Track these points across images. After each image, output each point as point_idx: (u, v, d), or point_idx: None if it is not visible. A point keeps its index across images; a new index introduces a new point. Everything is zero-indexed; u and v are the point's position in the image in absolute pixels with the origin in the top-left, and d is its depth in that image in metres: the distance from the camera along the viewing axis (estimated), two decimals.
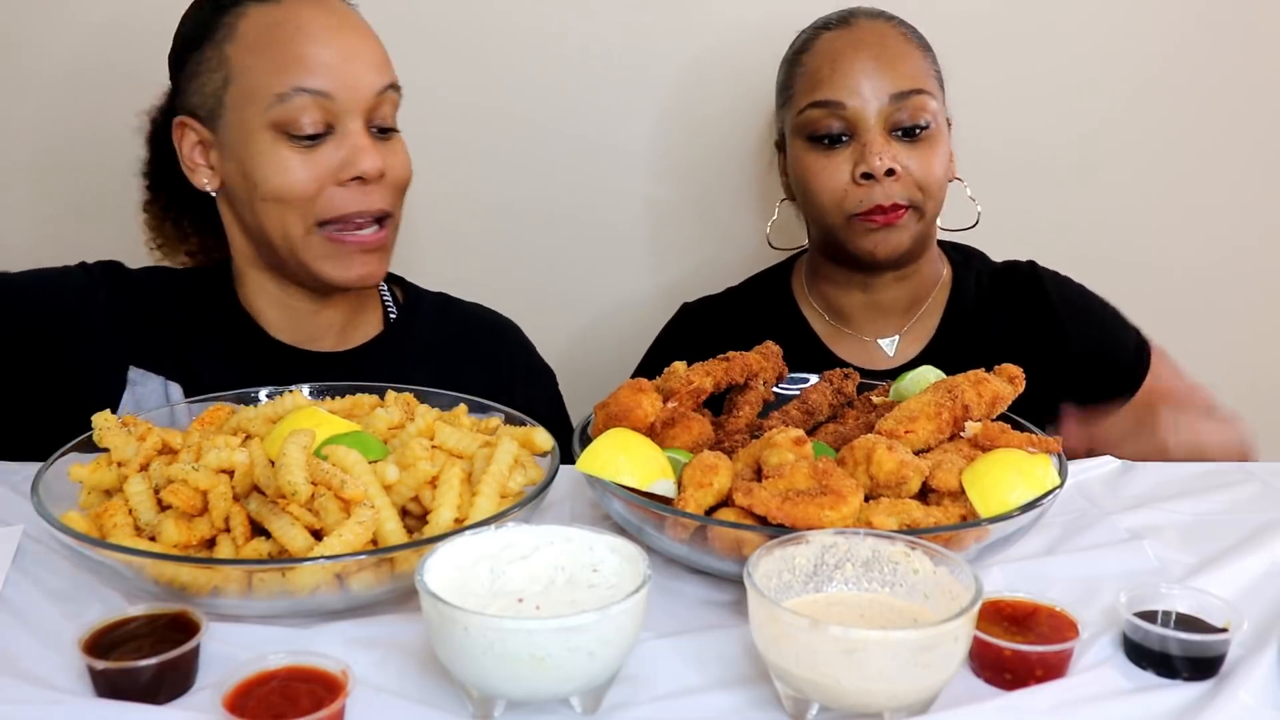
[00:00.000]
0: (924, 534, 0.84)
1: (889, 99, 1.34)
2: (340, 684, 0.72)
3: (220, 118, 1.23)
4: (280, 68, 1.19)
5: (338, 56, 1.21)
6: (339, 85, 1.20)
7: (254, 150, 1.21)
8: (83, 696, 0.76)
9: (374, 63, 1.25)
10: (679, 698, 0.78)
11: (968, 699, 0.77)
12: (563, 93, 1.76)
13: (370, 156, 1.21)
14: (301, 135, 1.20)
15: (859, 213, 1.35)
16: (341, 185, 1.22)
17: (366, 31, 1.27)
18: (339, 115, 1.21)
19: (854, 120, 1.35)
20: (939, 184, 1.37)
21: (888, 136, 1.34)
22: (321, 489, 0.88)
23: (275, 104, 1.19)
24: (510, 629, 0.70)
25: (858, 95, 1.34)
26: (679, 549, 0.92)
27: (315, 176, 1.21)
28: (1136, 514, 1.08)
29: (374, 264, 1.27)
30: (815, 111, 1.37)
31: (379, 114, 1.25)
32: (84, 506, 0.95)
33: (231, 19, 1.23)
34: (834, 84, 1.35)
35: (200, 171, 1.27)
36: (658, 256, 1.86)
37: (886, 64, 1.35)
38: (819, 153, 1.37)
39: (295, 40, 1.20)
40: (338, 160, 1.21)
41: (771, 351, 1.18)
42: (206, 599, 0.84)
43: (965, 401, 1.02)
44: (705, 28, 1.76)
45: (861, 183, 1.34)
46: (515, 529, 0.83)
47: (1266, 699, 0.77)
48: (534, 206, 1.81)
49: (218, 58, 1.23)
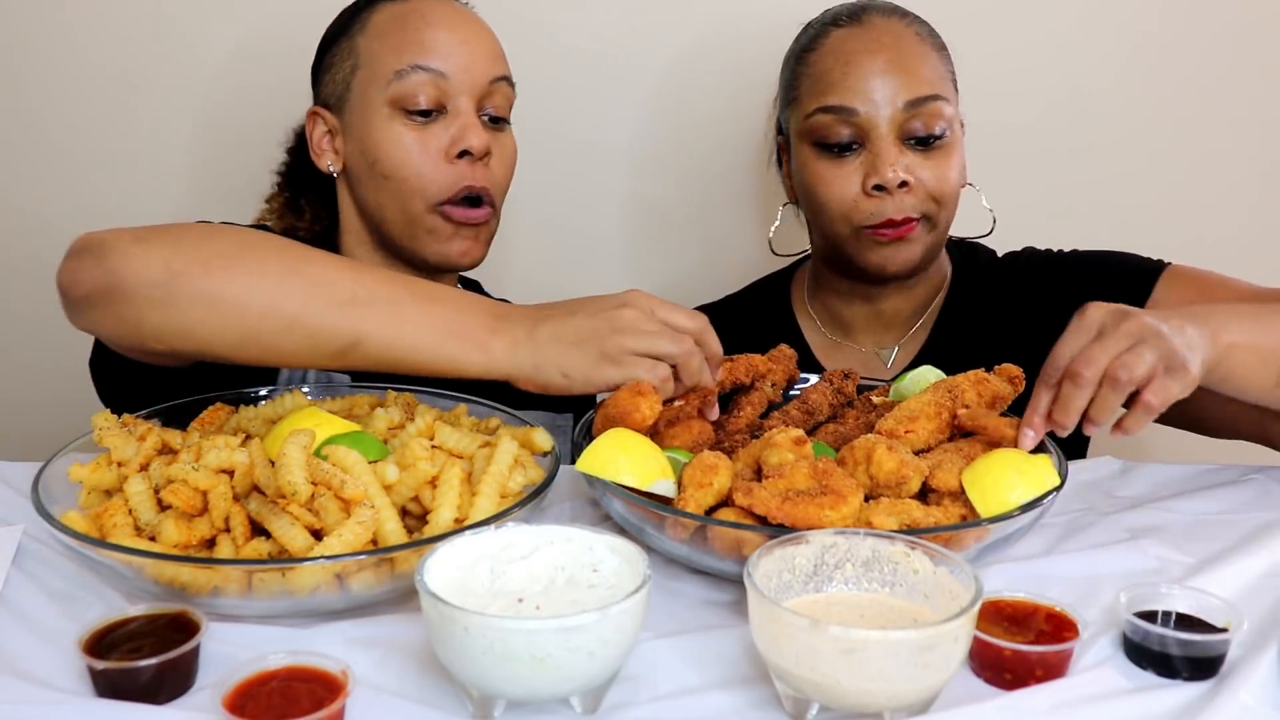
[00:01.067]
0: (924, 534, 0.84)
1: (903, 106, 1.26)
2: (340, 684, 0.72)
3: (346, 102, 1.32)
4: (401, 49, 1.28)
5: (454, 41, 1.29)
6: (454, 67, 1.28)
7: (373, 127, 1.29)
8: (83, 696, 0.76)
9: (489, 52, 1.33)
10: (679, 698, 0.78)
11: (968, 699, 0.77)
12: (552, 91, 1.76)
13: (478, 134, 1.29)
14: (416, 110, 1.28)
15: (869, 225, 1.29)
16: (450, 162, 1.28)
17: (484, 26, 1.36)
18: (452, 95, 1.29)
19: (865, 128, 1.28)
20: (953, 195, 1.31)
21: (901, 145, 1.27)
22: (321, 489, 0.88)
23: (394, 81, 1.27)
24: (510, 629, 0.70)
25: (870, 101, 1.27)
26: (679, 549, 0.92)
27: (427, 151, 1.28)
28: (1136, 514, 1.08)
29: (470, 241, 1.33)
30: (824, 117, 1.29)
31: (490, 101, 1.32)
32: (84, 506, 0.95)
33: (365, 15, 1.33)
34: (845, 88, 1.28)
35: (326, 155, 1.36)
36: (655, 259, 1.86)
37: (901, 68, 1.27)
38: (827, 160, 1.30)
39: (417, 26, 1.29)
40: (448, 137, 1.29)
41: (784, 355, 1.18)
42: (206, 599, 0.84)
43: (965, 401, 1.02)
44: (700, 20, 1.75)
45: (873, 194, 1.28)
46: (515, 529, 0.83)
47: (1266, 699, 0.76)
48: (525, 207, 1.81)
49: (349, 48, 1.32)
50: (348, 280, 1.00)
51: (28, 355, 1.85)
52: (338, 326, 0.98)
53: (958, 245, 1.48)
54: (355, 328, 0.98)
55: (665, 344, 1.01)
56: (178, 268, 0.97)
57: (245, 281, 0.98)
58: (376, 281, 1.01)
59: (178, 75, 1.77)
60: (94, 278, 0.99)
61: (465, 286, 1.52)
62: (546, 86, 1.75)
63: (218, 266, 0.98)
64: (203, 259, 0.98)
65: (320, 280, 1.00)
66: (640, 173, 1.82)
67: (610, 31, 1.76)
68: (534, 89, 1.74)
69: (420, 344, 0.99)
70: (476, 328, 1.00)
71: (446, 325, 1.00)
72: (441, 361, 1.00)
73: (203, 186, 1.82)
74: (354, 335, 0.98)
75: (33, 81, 1.78)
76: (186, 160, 1.82)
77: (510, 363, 1.00)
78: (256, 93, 1.76)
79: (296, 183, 1.46)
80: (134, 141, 1.80)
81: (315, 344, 0.99)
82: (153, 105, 1.79)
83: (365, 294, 0.99)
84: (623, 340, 1.00)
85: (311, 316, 0.98)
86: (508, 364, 1.00)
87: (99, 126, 1.80)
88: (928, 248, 1.33)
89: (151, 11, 1.75)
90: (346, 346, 0.99)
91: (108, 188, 1.81)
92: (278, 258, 1.01)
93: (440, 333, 0.99)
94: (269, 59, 1.74)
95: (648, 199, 1.83)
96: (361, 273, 1.03)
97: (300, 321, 0.98)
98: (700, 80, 1.77)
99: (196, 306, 0.97)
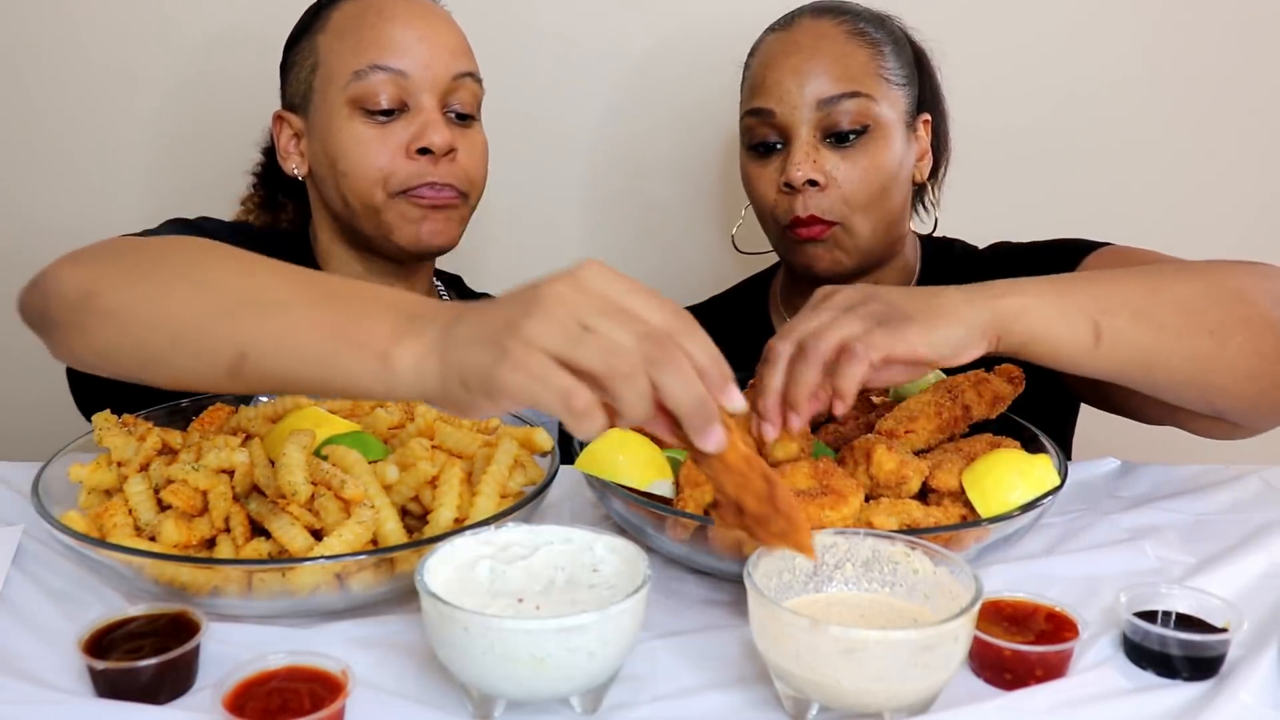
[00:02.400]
0: (924, 534, 0.84)
1: (817, 104, 1.26)
2: (340, 684, 0.72)
3: (310, 103, 1.30)
4: (359, 48, 1.25)
5: (414, 38, 1.26)
6: (414, 65, 1.25)
7: (334, 128, 1.27)
8: (83, 696, 0.76)
9: (451, 47, 1.29)
10: (679, 698, 0.78)
11: (968, 699, 0.77)
12: (535, 85, 1.77)
13: (440, 131, 1.25)
14: (376, 110, 1.25)
15: (786, 225, 1.30)
16: (411, 159, 1.26)
17: (447, 20, 1.32)
18: (414, 94, 1.26)
19: (784, 128, 1.28)
20: (873, 194, 1.28)
21: (817, 144, 1.27)
22: (321, 489, 0.88)
23: (353, 81, 1.25)
24: (510, 629, 0.70)
25: (785, 102, 1.27)
26: (679, 549, 0.92)
27: (388, 150, 1.25)
28: (1136, 514, 1.08)
29: (440, 223, 1.29)
30: (749, 119, 1.32)
31: (455, 98, 1.29)
32: (84, 506, 0.95)
33: (326, 12, 1.31)
34: (765, 90, 1.30)
35: (291, 158, 1.34)
36: (636, 257, 1.86)
37: (818, 67, 1.27)
38: (755, 161, 1.33)
39: (375, 23, 1.26)
40: (409, 135, 1.26)
41: None
42: (206, 599, 0.84)
43: (965, 401, 1.02)
44: (665, 21, 1.76)
45: (785, 192, 1.29)
46: (515, 529, 0.83)
47: (1266, 699, 0.76)
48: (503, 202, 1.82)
49: (310, 47, 1.30)
50: (238, 283, 0.82)
51: (28, 355, 1.84)
52: (222, 337, 0.79)
53: (931, 241, 1.46)
54: (239, 338, 0.78)
55: (596, 349, 0.67)
56: (90, 287, 0.86)
57: (138, 293, 0.84)
58: (273, 282, 0.81)
59: (155, 66, 1.77)
60: (33, 305, 0.92)
61: (445, 281, 1.51)
62: (533, 82, 1.77)
63: (125, 281, 0.85)
64: (115, 274, 0.86)
65: (208, 284, 0.82)
66: (643, 173, 1.83)
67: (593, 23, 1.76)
68: (527, 84, 1.76)
69: (309, 354, 0.76)
70: (379, 333, 0.74)
71: (341, 330, 0.75)
72: (335, 378, 0.75)
73: (180, 182, 1.81)
74: (238, 347, 0.78)
75: (33, 80, 1.78)
76: (162, 157, 1.81)
77: (415, 381, 0.73)
78: (237, 84, 1.74)
79: (271, 182, 1.44)
80: (119, 137, 1.80)
81: (203, 360, 0.80)
82: (132, 100, 1.78)
83: (254, 297, 0.80)
84: (535, 331, 0.68)
85: (195, 328, 0.80)
86: (412, 383, 0.73)
87: (90, 125, 1.79)
88: (856, 250, 1.31)
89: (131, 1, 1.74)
90: (234, 361, 0.78)
91: (104, 183, 1.81)
92: (178, 263, 0.86)
93: (333, 340, 0.75)
94: (249, 49, 1.70)
95: (637, 195, 1.83)
96: (259, 273, 0.83)
97: (184, 335, 0.81)
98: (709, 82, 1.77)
99: (104, 326, 0.85)
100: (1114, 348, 0.94)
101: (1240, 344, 0.97)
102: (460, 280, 1.54)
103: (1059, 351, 0.93)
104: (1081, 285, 0.96)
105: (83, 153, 1.80)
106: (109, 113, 1.78)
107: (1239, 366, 0.98)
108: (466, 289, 1.53)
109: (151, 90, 1.78)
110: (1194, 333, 0.96)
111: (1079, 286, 0.96)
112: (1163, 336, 0.95)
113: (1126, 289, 0.97)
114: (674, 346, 0.68)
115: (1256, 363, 0.98)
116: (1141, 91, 1.79)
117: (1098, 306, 0.94)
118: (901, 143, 1.31)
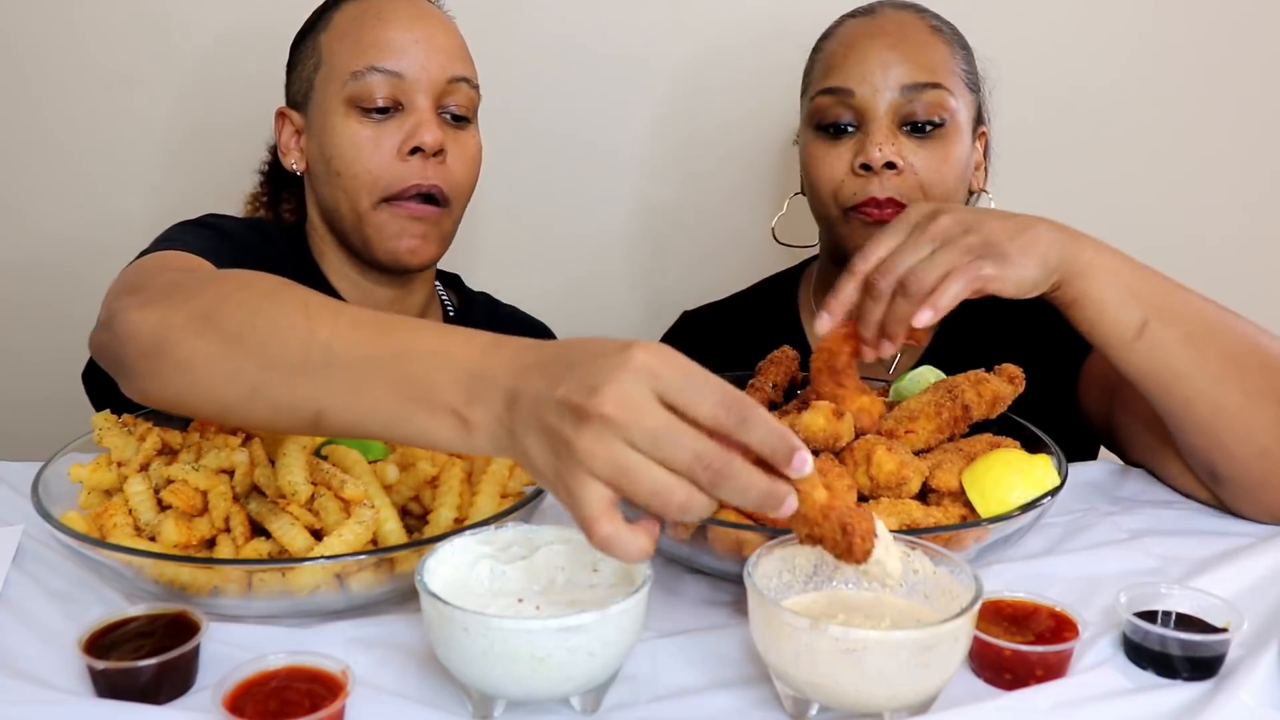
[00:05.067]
0: (924, 534, 0.84)
1: (900, 90, 1.27)
2: (340, 684, 0.72)
3: (310, 101, 1.32)
4: (358, 49, 1.28)
5: (412, 40, 1.28)
6: (410, 66, 1.27)
7: (330, 125, 1.28)
8: (83, 696, 0.76)
9: (448, 50, 1.31)
10: (679, 698, 0.78)
11: (968, 699, 0.77)
12: (559, 92, 1.77)
13: (431, 130, 1.26)
14: (371, 109, 1.26)
15: (853, 205, 1.29)
16: (403, 159, 1.27)
17: (446, 24, 1.34)
18: (409, 94, 1.28)
19: (862, 109, 1.28)
20: (947, 188, 1.28)
21: (895, 130, 1.27)
22: (321, 489, 0.88)
23: (350, 81, 1.27)
24: (510, 629, 0.70)
25: (867, 83, 1.27)
26: (679, 549, 0.92)
27: (380, 149, 1.27)
28: (1136, 514, 1.08)
29: (419, 240, 1.29)
30: (824, 99, 1.31)
31: (449, 100, 1.30)
32: (84, 506, 0.95)
33: (330, 13, 1.33)
34: (845, 70, 1.29)
35: (291, 154, 1.36)
36: (658, 264, 1.86)
37: (903, 53, 1.28)
38: (824, 141, 1.32)
39: (375, 25, 1.28)
40: (402, 135, 1.27)
41: (785, 356, 1.18)
42: (206, 599, 0.84)
43: (965, 401, 1.02)
44: (709, 25, 1.75)
45: (859, 173, 1.28)
46: (515, 529, 0.83)
47: (1266, 699, 0.76)
48: (529, 209, 1.82)
49: (313, 47, 1.32)
50: (303, 335, 0.81)
51: (28, 355, 1.84)
52: (297, 398, 0.80)
53: None
54: (314, 399, 0.80)
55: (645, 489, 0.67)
56: (161, 335, 0.86)
57: (210, 346, 0.84)
58: (336, 333, 0.80)
59: (161, 66, 1.77)
60: (106, 348, 0.93)
61: (444, 281, 1.52)
62: (552, 87, 1.77)
63: (192, 330, 0.85)
64: (184, 322, 0.86)
65: (275, 338, 0.82)
66: (647, 175, 1.83)
67: (621, 33, 1.76)
68: (547, 94, 1.76)
69: (383, 417, 0.77)
70: (448, 396, 0.74)
71: (411, 393, 0.76)
72: (414, 436, 0.77)
73: (185, 184, 1.81)
74: (315, 408, 0.80)
75: (36, 83, 1.78)
76: (167, 159, 1.81)
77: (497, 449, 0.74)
78: (242, 85, 1.74)
79: (278, 179, 1.46)
80: (122, 140, 1.80)
81: (281, 415, 0.82)
82: (136, 102, 1.78)
83: (321, 354, 0.80)
84: (586, 454, 0.67)
85: (269, 386, 0.82)
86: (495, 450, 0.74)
87: (93, 128, 1.79)
88: None
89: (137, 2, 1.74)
90: (313, 418, 0.80)
91: (105, 186, 1.81)
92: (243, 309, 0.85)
93: (406, 404, 0.76)
94: (254, 50, 1.72)
95: (654, 202, 1.83)
96: (321, 321, 0.82)
97: (259, 391, 0.82)
98: (711, 84, 1.77)
99: (179, 377, 0.85)
100: (1150, 352, 0.97)
101: (1270, 417, 0.98)
102: (459, 279, 1.55)
103: (1100, 325, 0.97)
104: (1155, 281, 0.99)
105: (86, 156, 1.80)
106: (112, 115, 1.78)
107: (1257, 438, 0.99)
108: (465, 288, 1.54)
109: (156, 92, 1.78)
110: (1230, 384, 0.98)
111: (1152, 280, 0.99)
112: (1199, 372, 0.98)
113: (1195, 310, 0.99)
114: (726, 462, 0.67)
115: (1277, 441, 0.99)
116: (1146, 89, 1.79)
117: (1158, 307, 0.97)
118: (969, 145, 1.32)
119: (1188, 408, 1.00)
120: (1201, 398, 0.99)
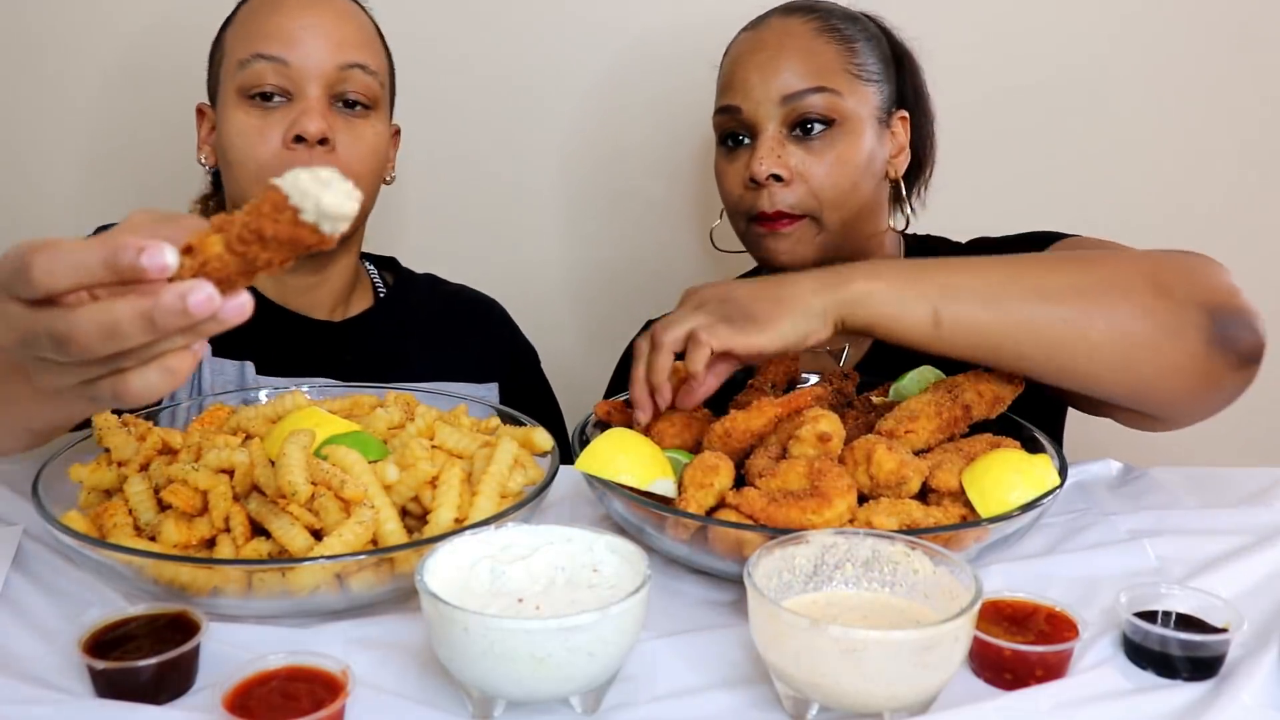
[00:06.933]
0: (924, 534, 0.84)
1: (781, 100, 1.27)
2: (340, 684, 0.72)
3: (217, 95, 1.33)
4: (248, 38, 1.28)
5: (299, 27, 1.27)
6: (297, 54, 1.26)
7: (225, 116, 1.29)
8: (83, 696, 0.76)
9: (339, 38, 1.29)
10: (679, 698, 0.78)
11: (968, 699, 0.77)
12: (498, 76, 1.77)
13: (314, 119, 1.25)
14: (258, 95, 1.26)
15: (752, 216, 1.31)
16: (289, 148, 1.25)
17: (341, 11, 1.31)
18: (298, 83, 1.27)
19: (750, 123, 1.30)
20: (841, 189, 1.29)
21: (783, 139, 1.29)
22: (321, 489, 0.88)
23: (239, 70, 1.27)
24: (510, 629, 0.70)
25: (750, 98, 1.29)
26: (679, 549, 0.92)
27: (266, 139, 1.26)
28: (1136, 514, 1.08)
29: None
30: (718, 117, 1.34)
31: (342, 88, 1.28)
32: (84, 506, 0.95)
33: (239, 8, 1.34)
34: (733, 88, 1.32)
35: (202, 150, 1.37)
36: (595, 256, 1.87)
37: (783, 63, 1.29)
38: (724, 156, 1.35)
39: (267, 14, 1.29)
40: (288, 123, 1.26)
41: (786, 356, 1.18)
42: (206, 599, 0.84)
43: (965, 401, 1.02)
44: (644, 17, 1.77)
45: (750, 187, 1.30)
46: (515, 529, 0.83)
47: (1267, 699, 0.76)
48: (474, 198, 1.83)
49: (220, 41, 1.34)
50: None
51: None
52: None
53: (914, 238, 1.45)
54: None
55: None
56: None
57: None
58: None
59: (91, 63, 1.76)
60: None
61: (377, 264, 1.52)
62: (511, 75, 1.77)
63: None
64: None
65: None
66: (640, 171, 1.83)
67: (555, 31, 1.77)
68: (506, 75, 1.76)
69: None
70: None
71: None
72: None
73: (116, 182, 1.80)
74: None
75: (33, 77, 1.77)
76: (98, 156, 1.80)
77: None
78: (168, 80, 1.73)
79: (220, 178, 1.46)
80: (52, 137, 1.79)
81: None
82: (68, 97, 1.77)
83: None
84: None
85: None
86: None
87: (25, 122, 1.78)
88: (821, 247, 1.31)
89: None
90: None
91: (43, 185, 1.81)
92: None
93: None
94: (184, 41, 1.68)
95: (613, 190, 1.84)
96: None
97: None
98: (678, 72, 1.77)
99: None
100: (954, 331, 1.00)
101: (1103, 330, 0.98)
102: (395, 261, 1.55)
103: (902, 333, 1.00)
104: (931, 273, 1.02)
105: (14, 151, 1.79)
106: (44, 110, 1.77)
107: (1105, 353, 0.99)
108: (402, 269, 1.54)
109: (87, 88, 1.77)
110: (1048, 320, 0.99)
111: (929, 274, 1.01)
112: (1009, 322, 0.99)
113: (982, 277, 1.01)
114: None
115: (1124, 349, 0.99)
116: (1125, 86, 1.78)
117: (942, 293, 1.00)
118: (872, 138, 1.32)
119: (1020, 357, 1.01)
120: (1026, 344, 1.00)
